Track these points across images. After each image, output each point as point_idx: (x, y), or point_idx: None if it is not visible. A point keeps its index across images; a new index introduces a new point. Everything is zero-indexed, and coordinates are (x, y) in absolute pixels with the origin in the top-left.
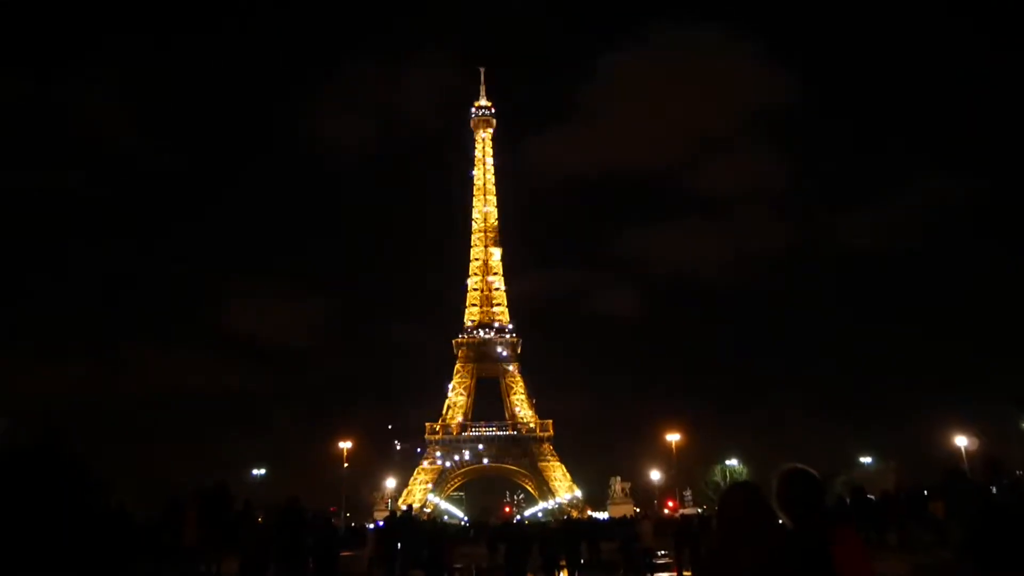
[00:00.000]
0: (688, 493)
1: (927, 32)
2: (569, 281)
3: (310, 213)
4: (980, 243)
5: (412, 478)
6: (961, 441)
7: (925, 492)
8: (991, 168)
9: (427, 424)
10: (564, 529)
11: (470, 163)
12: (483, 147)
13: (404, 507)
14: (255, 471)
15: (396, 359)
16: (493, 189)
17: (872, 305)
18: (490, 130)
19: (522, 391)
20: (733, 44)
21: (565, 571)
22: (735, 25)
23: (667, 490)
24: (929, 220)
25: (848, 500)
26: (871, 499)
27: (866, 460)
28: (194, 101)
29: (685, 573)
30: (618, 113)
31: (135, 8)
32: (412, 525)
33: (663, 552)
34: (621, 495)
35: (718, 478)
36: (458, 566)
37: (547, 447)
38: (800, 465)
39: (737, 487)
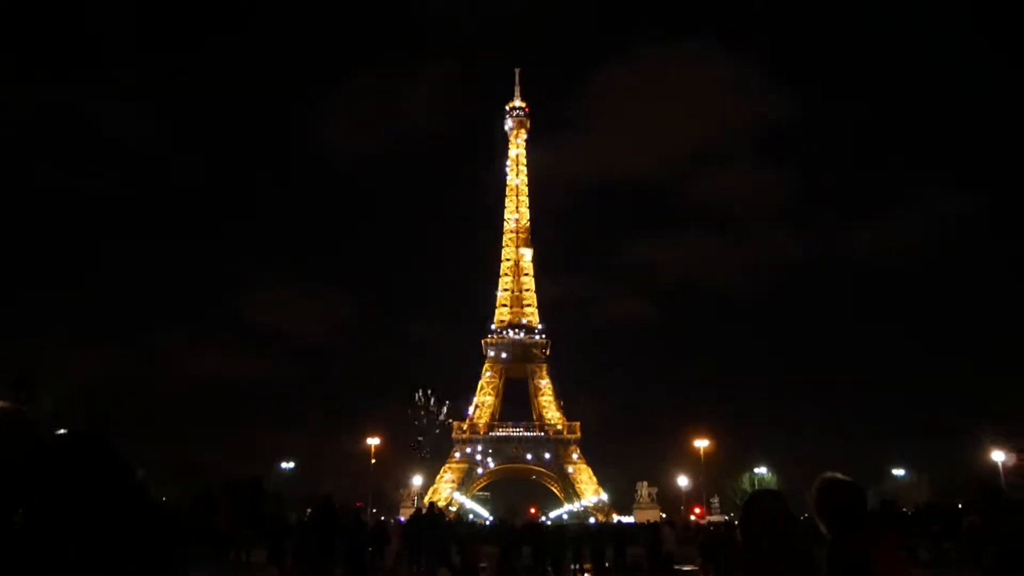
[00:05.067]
0: (715, 500)
1: (927, 45)
2: (580, 287)
3: (340, 214)
4: (993, 256)
5: (438, 476)
6: (998, 456)
7: (959, 507)
8: (995, 181)
9: (455, 423)
10: (590, 532)
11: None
12: (517, 148)
13: (428, 504)
14: (284, 464)
15: (423, 358)
16: (526, 190)
17: (883, 318)
18: (524, 131)
19: (550, 393)
20: (731, 58)
21: (589, 575)
22: (732, 39)
23: (694, 496)
24: (937, 234)
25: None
26: (903, 512)
27: (898, 473)
28: (219, 105)
29: None
30: (613, 126)
31: (155, 23)
32: (436, 522)
33: (686, 558)
34: (647, 500)
35: (746, 486)
36: (483, 565)
37: (574, 449)
38: (840, 474)
39: (765, 494)
